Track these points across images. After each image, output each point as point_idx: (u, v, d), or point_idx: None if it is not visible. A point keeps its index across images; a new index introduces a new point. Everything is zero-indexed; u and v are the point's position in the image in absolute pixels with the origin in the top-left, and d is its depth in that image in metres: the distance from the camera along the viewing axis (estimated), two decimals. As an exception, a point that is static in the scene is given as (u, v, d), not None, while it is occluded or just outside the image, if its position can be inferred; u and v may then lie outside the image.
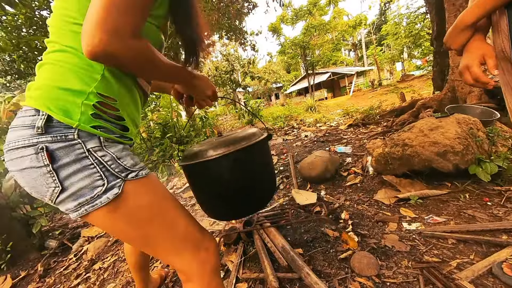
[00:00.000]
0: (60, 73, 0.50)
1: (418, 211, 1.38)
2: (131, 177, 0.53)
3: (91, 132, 0.49)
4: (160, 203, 0.57)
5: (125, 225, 0.54)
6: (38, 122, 0.47)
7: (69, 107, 0.48)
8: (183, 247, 0.59)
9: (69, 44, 0.51)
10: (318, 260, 1.18)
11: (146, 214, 0.54)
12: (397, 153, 1.68)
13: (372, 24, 27.04)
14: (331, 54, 17.96)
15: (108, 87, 0.52)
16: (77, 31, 0.48)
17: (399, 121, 3.06)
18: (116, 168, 0.52)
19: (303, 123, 6.81)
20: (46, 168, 0.47)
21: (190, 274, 0.60)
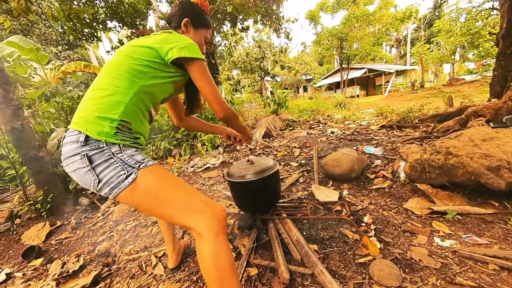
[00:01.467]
0: (98, 106, 0.75)
1: (455, 228, 1.23)
2: (142, 166, 0.75)
3: (114, 142, 0.74)
4: (165, 180, 0.77)
5: (142, 200, 0.74)
6: (81, 138, 0.72)
7: (100, 129, 0.72)
8: (191, 210, 0.75)
9: (118, 86, 0.76)
10: (334, 260, 1.13)
11: (155, 189, 0.74)
12: (438, 161, 1.51)
13: (422, 19, 24.28)
14: (371, 49, 16.52)
15: (127, 115, 0.77)
16: (133, 79, 0.78)
17: (442, 128, 2.75)
18: (132, 162, 0.74)
19: (330, 119, 6.52)
20: (87, 167, 0.71)
21: (199, 231, 0.73)
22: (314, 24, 16.31)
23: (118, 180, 0.71)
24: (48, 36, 11.87)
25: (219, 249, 0.73)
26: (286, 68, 18.39)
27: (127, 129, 0.77)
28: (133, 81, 0.78)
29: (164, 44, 0.81)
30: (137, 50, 0.80)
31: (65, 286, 1.38)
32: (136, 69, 0.78)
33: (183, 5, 0.99)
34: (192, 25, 0.97)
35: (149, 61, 0.80)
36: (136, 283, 1.25)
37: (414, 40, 26.54)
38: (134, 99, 0.78)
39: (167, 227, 1.25)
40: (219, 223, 0.75)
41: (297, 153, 3.15)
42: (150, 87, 0.81)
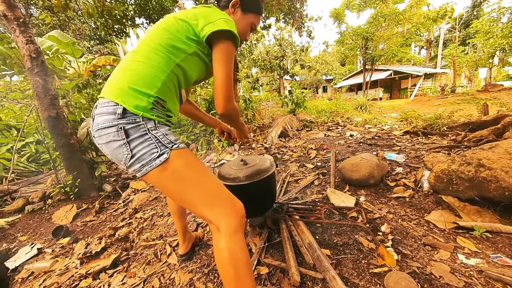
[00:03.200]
0: (136, 78, 0.72)
1: (482, 246, 1.15)
2: (175, 147, 0.73)
3: (150, 117, 0.71)
4: (195, 166, 0.75)
5: (170, 182, 0.72)
6: (118, 110, 0.69)
7: (137, 102, 0.70)
8: (213, 202, 0.73)
9: (156, 61, 0.74)
10: (347, 267, 1.10)
11: (184, 173, 0.72)
12: (468, 173, 1.40)
13: (458, 18, 22.54)
14: (398, 50, 15.62)
15: (163, 92, 0.75)
16: (170, 55, 0.75)
17: (474, 137, 2.55)
18: (166, 141, 0.72)
19: (350, 121, 6.31)
20: (123, 141, 0.69)
21: (218, 226, 0.72)
22: (338, 23, 15.80)
23: (151, 158, 0.68)
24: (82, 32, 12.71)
25: (237, 246, 0.71)
26: (306, 67, 18.05)
27: (161, 106, 0.75)
28: (169, 57, 0.75)
29: (200, 19, 0.76)
30: (175, 24, 0.77)
31: (88, 265, 1.49)
32: (173, 45, 0.75)
33: None
34: (241, 7, 0.89)
35: (185, 37, 0.76)
36: (151, 269, 1.32)
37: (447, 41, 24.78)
38: (171, 76, 0.76)
39: (179, 217, 1.27)
40: (239, 220, 0.74)
41: (313, 155, 3.09)
42: (185, 66, 0.78)
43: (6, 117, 4.07)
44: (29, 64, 2.33)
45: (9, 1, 2.24)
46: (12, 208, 2.51)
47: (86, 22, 9.43)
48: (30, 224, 2.28)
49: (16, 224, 2.28)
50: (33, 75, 2.34)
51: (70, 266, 1.53)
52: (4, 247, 1.92)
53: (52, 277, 1.46)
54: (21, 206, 2.54)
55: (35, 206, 2.51)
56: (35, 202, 2.59)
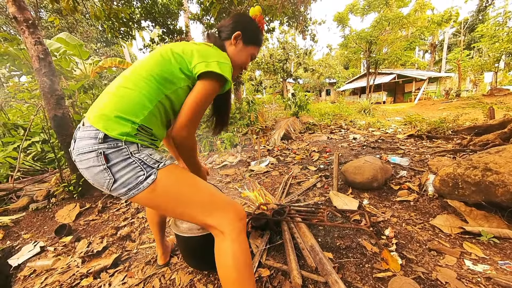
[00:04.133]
0: (122, 106, 0.71)
1: (490, 252, 1.12)
2: (161, 166, 0.72)
3: (133, 141, 0.71)
4: (186, 179, 0.75)
5: (162, 200, 0.72)
6: (99, 135, 0.68)
7: (121, 129, 0.69)
8: (213, 209, 0.74)
9: (145, 90, 0.73)
10: (350, 271, 1.08)
11: (176, 189, 0.72)
12: (474, 177, 1.38)
13: (463, 22, 22.41)
14: (402, 53, 15.57)
15: (148, 120, 0.74)
16: (160, 87, 0.75)
17: (480, 141, 2.51)
18: (151, 162, 0.71)
19: (353, 124, 6.28)
20: (103, 166, 0.67)
21: (222, 230, 0.72)
22: (342, 27, 15.84)
23: (137, 181, 0.68)
24: (90, 34, 12.96)
25: (240, 248, 0.72)
26: (310, 70, 18.08)
27: (146, 132, 0.74)
28: (159, 88, 0.75)
29: (196, 56, 0.77)
30: (170, 57, 0.78)
31: (89, 264, 1.49)
32: (164, 77, 0.76)
33: (239, 18, 0.94)
34: (243, 40, 0.91)
35: (178, 70, 0.77)
36: (152, 269, 1.31)
37: (451, 45, 24.63)
38: (158, 105, 0.75)
39: (159, 228, 1.24)
40: (241, 222, 0.75)
41: (316, 157, 3.08)
42: (174, 97, 0.78)
43: (14, 116, 4.14)
44: (37, 64, 2.37)
45: (19, 3, 2.29)
46: (17, 206, 2.53)
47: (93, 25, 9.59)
48: (34, 222, 2.30)
49: (20, 222, 2.30)
50: (41, 75, 2.38)
51: (72, 265, 1.53)
52: (8, 244, 1.93)
53: (53, 275, 1.46)
54: (25, 204, 2.57)
55: (39, 205, 2.53)
56: (40, 201, 2.62)
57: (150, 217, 1.24)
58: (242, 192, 2.21)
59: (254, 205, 1.81)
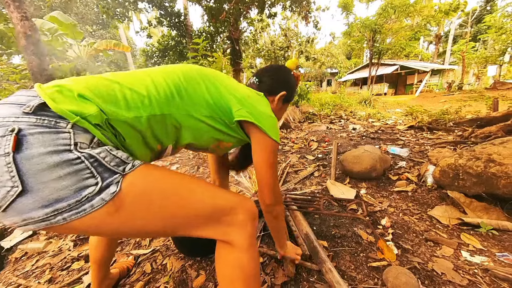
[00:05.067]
0: (102, 87, 0.50)
1: (488, 244, 1.10)
2: (129, 169, 0.47)
3: (86, 129, 0.44)
4: (174, 184, 0.52)
5: (131, 221, 0.46)
6: (32, 102, 0.41)
7: (77, 106, 0.44)
8: (216, 217, 0.55)
9: (155, 94, 0.56)
10: (344, 259, 1.06)
11: (159, 200, 0.48)
12: (476, 168, 1.34)
13: (471, 13, 21.75)
14: (406, 43, 15.18)
15: (129, 128, 0.51)
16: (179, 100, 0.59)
17: (482, 133, 2.47)
18: (112, 162, 0.44)
19: (353, 115, 6.20)
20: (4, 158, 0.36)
21: (230, 240, 0.57)
22: (346, 14, 15.31)
23: (79, 197, 0.39)
24: (85, 16, 12.45)
25: (251, 258, 0.58)
26: (311, 59, 17.66)
27: (114, 136, 0.50)
28: (176, 102, 0.58)
29: (244, 101, 0.67)
30: (212, 82, 0.66)
31: (81, 247, 1.47)
32: (191, 93, 0.61)
33: (286, 76, 0.87)
34: (284, 99, 0.85)
35: (212, 100, 0.64)
36: (143, 254, 1.29)
37: (457, 37, 24.05)
38: (158, 119, 0.55)
39: (101, 265, 0.90)
40: (252, 224, 0.59)
41: (314, 147, 3.03)
42: (187, 122, 0.60)
43: (4, 98, 4.02)
44: (24, 41, 2.25)
45: (1, -27, 2.13)
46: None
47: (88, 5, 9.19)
48: (26, 205, 2.27)
49: (13, 205, 2.27)
50: (28, 53, 2.27)
51: (63, 248, 1.51)
52: (1, 226, 1.91)
53: (45, 257, 1.44)
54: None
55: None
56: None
57: (92, 248, 0.88)
58: (239, 179, 2.18)
59: (250, 193, 1.78)
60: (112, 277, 1.03)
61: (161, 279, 1.08)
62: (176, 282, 1.02)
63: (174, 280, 1.04)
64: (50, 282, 1.22)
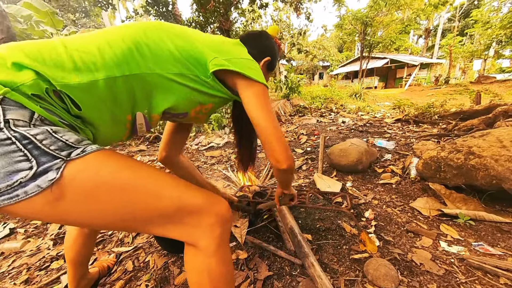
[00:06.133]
0: (40, 51, 0.43)
1: (465, 234, 1.13)
2: (76, 155, 0.41)
3: (22, 103, 0.38)
4: (134, 177, 0.46)
5: (81, 215, 0.42)
6: None
7: (8, 75, 0.38)
8: (179, 217, 0.50)
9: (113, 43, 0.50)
10: (327, 252, 1.06)
11: (111, 194, 0.43)
12: (457, 160, 1.37)
13: (459, 7, 22.10)
14: (396, 37, 15.29)
15: (83, 95, 0.45)
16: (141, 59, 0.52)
17: (464, 126, 2.53)
18: (52, 145, 0.39)
19: (344, 108, 6.25)
20: None
21: (195, 242, 0.52)
22: (338, 6, 15.19)
23: (10, 182, 0.36)
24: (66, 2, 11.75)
25: (222, 263, 0.54)
26: (304, 52, 17.56)
27: (62, 103, 0.44)
28: (137, 60, 0.50)
29: (219, 49, 0.62)
30: (178, 35, 0.58)
31: (60, 246, 1.42)
32: (154, 49, 0.53)
33: (269, 42, 0.81)
34: (268, 66, 0.82)
35: (180, 54, 0.56)
36: (125, 252, 1.26)
37: (445, 31, 24.47)
38: (119, 82, 0.48)
39: (78, 265, 0.87)
40: (223, 228, 0.54)
41: (303, 140, 3.03)
42: (154, 83, 0.53)
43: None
44: (-8, 28, 2.08)
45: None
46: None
47: (67, -9, 8.66)
48: (4, 203, 2.17)
49: (-11, 204, 2.16)
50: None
51: (42, 247, 1.45)
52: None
53: (22, 257, 1.38)
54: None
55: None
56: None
57: (67, 248, 0.85)
58: (227, 174, 2.15)
59: (236, 187, 1.76)
60: (90, 277, 0.99)
61: (143, 277, 1.06)
62: (157, 280, 1.00)
63: (155, 278, 1.01)
64: (26, 283, 1.17)
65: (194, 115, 0.68)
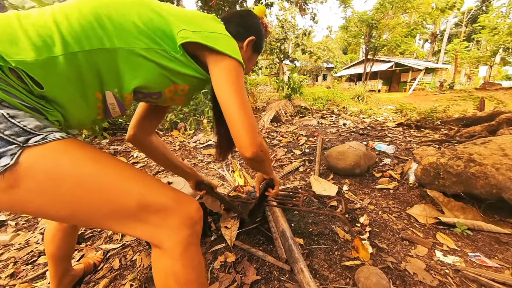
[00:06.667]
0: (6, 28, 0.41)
1: (462, 244, 1.09)
2: (35, 142, 0.39)
3: None
4: (96, 170, 0.44)
5: (36, 205, 0.41)
6: None
7: None
8: (142, 215, 0.47)
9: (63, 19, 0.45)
10: (318, 258, 1.03)
11: (70, 186, 0.41)
12: (456, 167, 1.33)
13: (466, 12, 21.87)
14: (402, 40, 15.19)
15: (46, 72, 0.42)
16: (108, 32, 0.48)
17: (467, 132, 2.48)
18: (7, 130, 0.37)
19: (345, 110, 6.19)
20: None
21: (158, 243, 0.49)
22: (344, 7, 15.09)
23: None
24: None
25: (187, 267, 0.50)
26: (308, 53, 17.46)
27: (24, 84, 0.41)
28: (98, 33, 0.46)
29: (188, 20, 0.55)
30: (145, 5, 0.53)
31: (49, 241, 1.40)
32: (116, 21, 0.48)
33: (253, 20, 0.75)
34: (253, 47, 0.75)
35: (146, 26, 0.51)
36: (113, 250, 1.23)
37: (452, 36, 24.25)
38: (80, 57, 0.45)
39: (58, 261, 0.85)
40: (190, 230, 0.50)
41: (302, 141, 3.00)
42: (120, 58, 0.49)
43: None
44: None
45: None
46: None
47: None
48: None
49: (-17, 195, 2.15)
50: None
51: (31, 241, 1.43)
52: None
53: (10, 251, 1.37)
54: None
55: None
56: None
57: (47, 242, 0.83)
58: (222, 173, 2.13)
59: (230, 187, 1.73)
60: (74, 273, 0.97)
61: (128, 276, 1.03)
62: (142, 280, 0.97)
63: (140, 278, 0.99)
64: (12, 277, 1.15)
65: (170, 96, 0.63)
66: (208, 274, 0.97)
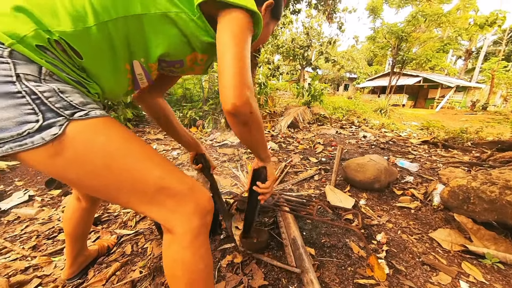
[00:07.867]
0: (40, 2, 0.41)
1: (491, 277, 0.99)
2: (79, 116, 0.43)
3: (29, 57, 0.39)
4: (125, 149, 0.48)
5: (73, 173, 0.45)
6: None
7: (13, 25, 0.38)
8: (163, 194, 0.50)
9: None
10: (330, 271, 0.99)
11: (103, 159, 0.45)
12: (490, 193, 1.22)
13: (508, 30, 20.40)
14: (433, 55, 14.47)
15: (81, 41, 0.44)
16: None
17: (502, 157, 2.29)
18: (57, 103, 0.41)
19: (366, 123, 5.99)
20: None
21: (171, 227, 0.52)
22: (373, 17, 14.74)
23: (21, 130, 0.39)
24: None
25: (197, 255, 0.52)
26: (331, 61, 17.20)
27: (66, 55, 0.44)
28: (124, 1, 0.47)
29: None
30: None
31: (69, 220, 1.48)
32: None
33: None
34: (272, 12, 0.70)
35: None
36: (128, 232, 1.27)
37: (489, 54, 22.69)
38: (110, 27, 0.46)
39: (75, 240, 0.90)
40: (202, 220, 0.53)
41: (319, 150, 2.93)
42: (145, 24, 0.50)
43: None
44: None
45: None
46: (15, 154, 2.57)
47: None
48: (29, 171, 2.32)
49: (16, 169, 2.33)
50: None
51: (54, 218, 1.52)
52: (1, 188, 1.96)
53: (34, 224, 1.46)
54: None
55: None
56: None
57: (65, 220, 0.88)
58: (236, 172, 2.13)
59: (243, 187, 1.73)
60: (88, 254, 1.02)
61: (138, 263, 1.06)
62: (151, 268, 0.99)
63: (150, 266, 1.01)
64: (34, 249, 1.22)
65: (190, 65, 0.64)
66: (216, 271, 0.97)
